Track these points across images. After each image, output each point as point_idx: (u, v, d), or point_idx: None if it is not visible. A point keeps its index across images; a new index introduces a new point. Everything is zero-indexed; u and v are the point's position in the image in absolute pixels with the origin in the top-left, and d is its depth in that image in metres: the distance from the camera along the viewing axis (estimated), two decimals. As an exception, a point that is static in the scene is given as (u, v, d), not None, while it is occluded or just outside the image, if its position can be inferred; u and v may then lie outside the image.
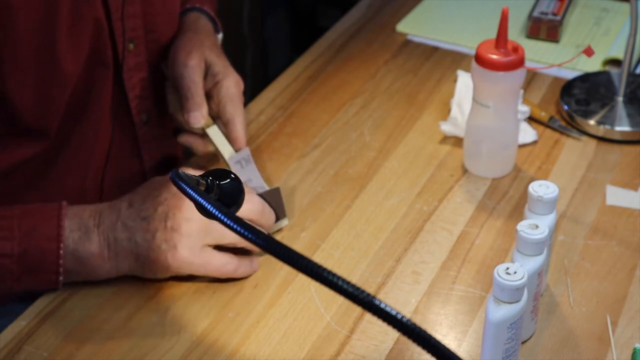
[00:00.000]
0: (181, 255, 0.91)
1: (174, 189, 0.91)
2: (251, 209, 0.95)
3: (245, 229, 0.57)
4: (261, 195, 0.98)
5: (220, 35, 1.17)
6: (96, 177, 1.07)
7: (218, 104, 1.05)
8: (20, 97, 0.94)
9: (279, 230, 1.02)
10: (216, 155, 1.07)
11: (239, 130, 1.04)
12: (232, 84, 1.06)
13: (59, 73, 0.95)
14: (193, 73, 1.04)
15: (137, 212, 0.92)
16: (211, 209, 0.61)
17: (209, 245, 0.92)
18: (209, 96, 1.06)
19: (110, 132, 1.06)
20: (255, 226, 0.62)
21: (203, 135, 1.06)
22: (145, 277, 0.94)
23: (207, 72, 1.07)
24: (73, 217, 0.91)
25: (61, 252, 0.90)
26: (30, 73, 0.94)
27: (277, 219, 1.00)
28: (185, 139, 1.08)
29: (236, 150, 1.04)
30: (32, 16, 0.91)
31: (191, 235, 0.91)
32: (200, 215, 0.90)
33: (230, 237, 0.92)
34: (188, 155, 1.16)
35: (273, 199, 1.00)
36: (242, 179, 1.00)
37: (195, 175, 0.70)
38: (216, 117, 1.06)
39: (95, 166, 1.06)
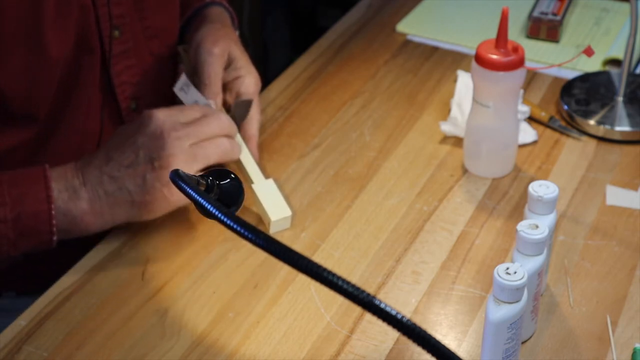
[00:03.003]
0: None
1: (147, 129, 0.94)
2: (222, 125, 0.99)
3: (245, 229, 0.57)
4: (236, 103, 1.05)
5: (237, 33, 1.19)
6: None
7: (235, 98, 1.08)
8: (8, 81, 0.95)
9: (283, 230, 1.02)
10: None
11: (254, 128, 1.07)
12: (252, 82, 1.09)
13: (46, 58, 0.96)
14: (215, 62, 1.07)
15: (119, 162, 0.94)
16: (211, 209, 0.61)
17: (199, 171, 0.95)
18: (226, 88, 1.09)
19: (99, 119, 1.07)
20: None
21: None
22: (143, 219, 0.96)
23: (230, 65, 1.09)
24: (58, 178, 0.93)
25: (53, 212, 0.92)
26: (17, 57, 0.95)
27: (238, 126, 1.06)
28: None
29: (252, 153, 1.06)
30: (17, 1, 0.91)
31: (181, 168, 0.92)
32: (182, 146, 0.94)
33: (215, 156, 0.97)
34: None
35: (242, 106, 1.06)
36: (189, 101, 1.04)
37: (195, 175, 0.71)
38: (230, 111, 1.07)
39: (86, 153, 1.07)
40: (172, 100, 1.11)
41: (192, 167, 0.94)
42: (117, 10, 1.03)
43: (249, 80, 1.08)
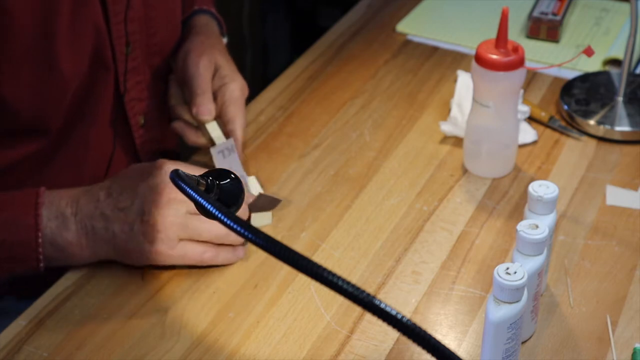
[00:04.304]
0: (158, 249, 0.92)
1: (153, 181, 0.92)
2: None
3: (245, 229, 0.57)
4: (262, 195, 1.01)
5: (225, 40, 1.20)
6: (97, 179, 1.07)
7: (221, 105, 1.08)
8: (18, 98, 0.95)
9: (284, 230, 1.02)
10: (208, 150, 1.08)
11: (238, 130, 1.07)
12: (237, 88, 1.09)
13: (58, 76, 0.96)
14: (205, 72, 1.07)
15: (115, 202, 0.93)
16: (211, 209, 0.61)
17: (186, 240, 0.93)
18: (213, 97, 1.08)
19: (112, 135, 1.07)
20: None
21: (197, 127, 1.09)
22: (125, 263, 0.95)
23: (215, 74, 1.10)
24: (50, 205, 0.92)
25: (40, 240, 0.91)
26: (28, 75, 0.95)
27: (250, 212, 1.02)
28: (179, 127, 1.10)
29: None
30: (30, 21, 0.92)
31: (167, 231, 0.91)
32: (177, 210, 0.91)
33: (206, 236, 0.93)
34: (186, 159, 1.16)
35: (266, 202, 1.01)
36: (223, 167, 1.02)
37: (195, 175, 0.70)
38: (217, 117, 1.08)
39: (94, 167, 1.07)
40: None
41: (179, 234, 0.92)
42: (131, 27, 1.04)
43: (233, 86, 1.09)
